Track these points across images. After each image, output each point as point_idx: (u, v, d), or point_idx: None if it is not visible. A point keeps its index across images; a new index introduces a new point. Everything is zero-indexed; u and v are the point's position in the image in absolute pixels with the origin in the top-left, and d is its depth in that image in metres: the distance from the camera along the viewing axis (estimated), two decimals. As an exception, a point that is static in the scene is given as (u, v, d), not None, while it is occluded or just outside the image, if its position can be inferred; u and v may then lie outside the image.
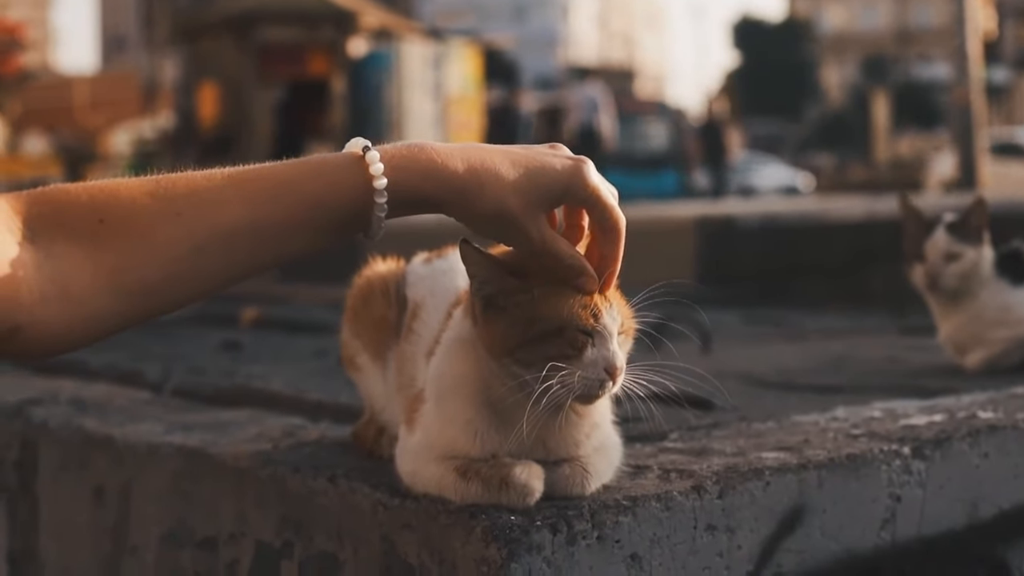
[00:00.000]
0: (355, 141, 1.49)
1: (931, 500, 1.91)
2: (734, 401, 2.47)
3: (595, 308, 1.53)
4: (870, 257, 5.36)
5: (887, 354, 3.33)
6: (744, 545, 1.72)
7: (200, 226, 1.40)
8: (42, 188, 1.41)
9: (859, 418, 2.14)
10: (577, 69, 43.13)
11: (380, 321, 1.89)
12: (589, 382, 1.52)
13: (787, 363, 3.21)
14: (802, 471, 1.78)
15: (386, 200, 1.45)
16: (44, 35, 52.85)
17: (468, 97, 23.57)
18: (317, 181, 1.46)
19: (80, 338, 1.39)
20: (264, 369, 3.14)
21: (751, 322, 4.44)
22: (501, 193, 1.48)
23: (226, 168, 1.45)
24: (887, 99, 40.48)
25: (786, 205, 11.57)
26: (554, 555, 1.55)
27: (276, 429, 2.25)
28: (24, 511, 2.57)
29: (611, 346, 1.53)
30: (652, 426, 1.98)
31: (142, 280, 1.39)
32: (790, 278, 5.58)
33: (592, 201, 1.53)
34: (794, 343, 3.78)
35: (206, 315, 4.81)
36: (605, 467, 1.67)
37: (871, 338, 3.82)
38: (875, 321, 4.34)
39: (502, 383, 1.55)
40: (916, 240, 2.91)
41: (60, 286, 1.35)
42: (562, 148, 1.56)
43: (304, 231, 1.46)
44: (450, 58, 23.40)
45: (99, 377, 3.10)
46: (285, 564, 1.88)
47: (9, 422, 2.63)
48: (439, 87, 22.91)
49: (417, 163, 1.48)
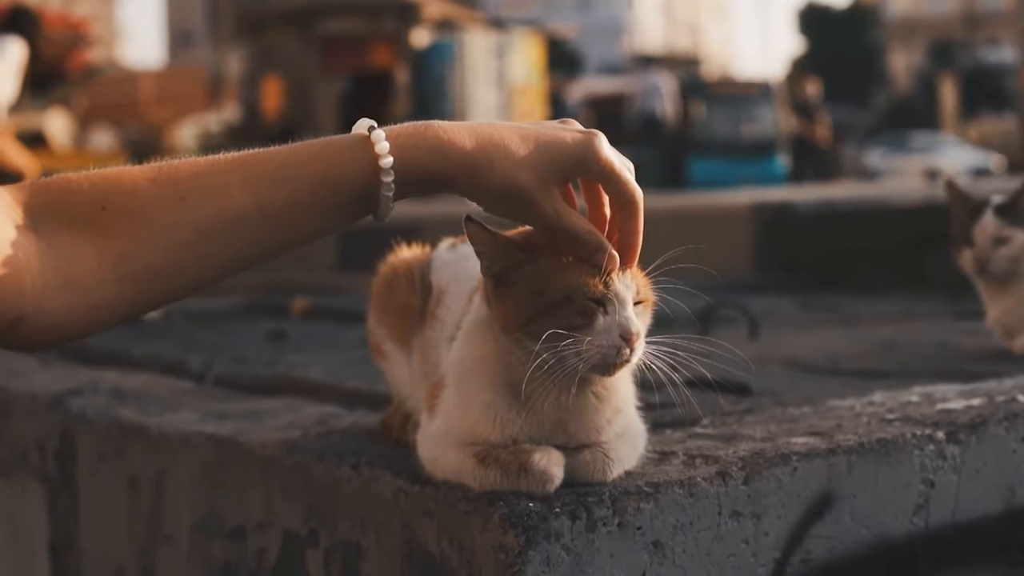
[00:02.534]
0: (361, 122, 1.48)
1: (966, 485, 1.87)
2: (774, 386, 2.44)
3: (605, 275, 1.50)
4: (929, 241, 5.30)
5: (937, 338, 3.28)
6: (771, 532, 1.69)
7: (204, 211, 1.38)
8: (44, 179, 1.40)
9: (896, 402, 2.10)
10: (642, 57, 42.97)
11: (405, 308, 1.87)
12: (604, 350, 1.48)
13: (834, 348, 3.17)
14: (831, 456, 1.75)
15: (393, 179, 1.43)
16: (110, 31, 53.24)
17: (532, 86, 23.56)
18: (323, 162, 1.44)
19: (86, 326, 1.38)
20: (306, 358, 3.13)
21: (805, 308, 4.39)
22: (511, 168, 1.46)
23: (231, 152, 1.44)
24: (955, 84, 40.09)
25: (845, 191, 11.46)
26: (573, 542, 1.53)
27: (310, 417, 2.24)
28: (65, 502, 2.57)
29: (626, 312, 1.50)
30: (684, 412, 1.96)
31: (147, 267, 1.37)
32: (848, 264, 5.52)
33: (606, 175, 1.51)
34: (845, 328, 3.73)
35: (256, 306, 4.81)
36: (628, 453, 1.64)
37: (924, 323, 3.76)
38: (930, 306, 4.28)
39: (520, 362, 1.52)
40: (964, 224, 2.86)
41: (64, 275, 1.34)
42: (573, 122, 1.54)
43: (312, 213, 1.44)
44: (513, 48, 23.39)
45: (143, 367, 3.10)
46: (310, 553, 1.87)
47: (49, 412, 2.63)
48: (502, 77, 22.91)
49: (424, 140, 1.46)
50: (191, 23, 56.00)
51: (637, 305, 1.53)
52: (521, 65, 23.35)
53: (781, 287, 5.19)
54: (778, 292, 4.97)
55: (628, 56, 52.43)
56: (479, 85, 22.55)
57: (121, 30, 58.92)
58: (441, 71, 22.81)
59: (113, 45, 48.19)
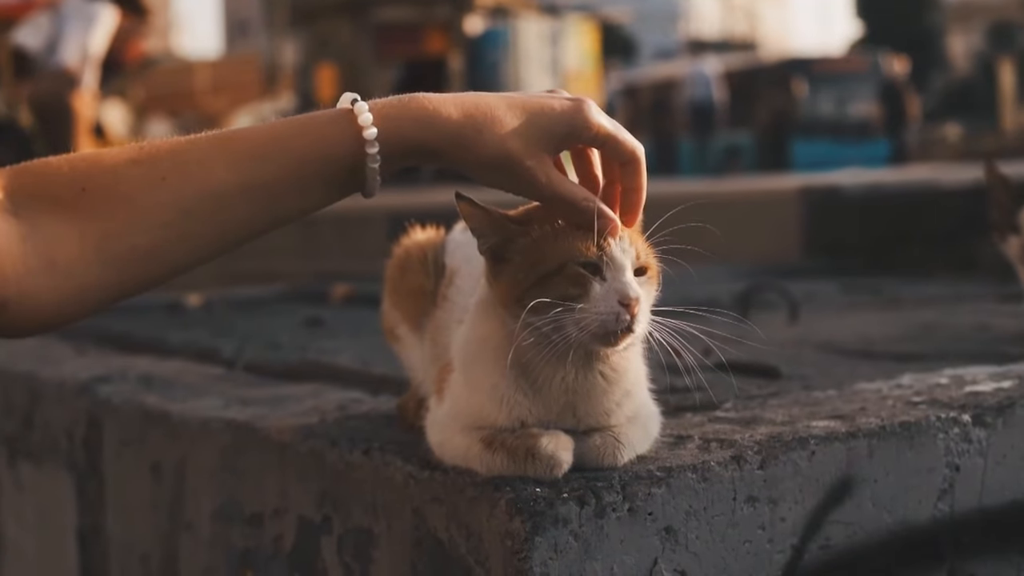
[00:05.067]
0: (345, 96, 1.45)
1: (993, 469, 1.82)
2: (805, 369, 2.40)
3: (599, 240, 1.46)
4: (979, 224, 5.23)
5: (978, 321, 3.23)
6: (788, 517, 1.65)
7: (187, 189, 1.36)
8: (24, 163, 1.38)
9: (924, 385, 2.05)
10: (697, 43, 42.80)
11: (418, 291, 1.84)
12: (603, 317, 1.44)
13: (873, 331, 3.12)
14: (851, 440, 1.71)
15: (378, 151, 1.41)
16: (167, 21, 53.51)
17: (586, 73, 23.50)
18: (306, 137, 1.41)
19: (72, 311, 1.36)
20: (338, 344, 3.11)
21: (849, 291, 4.33)
22: (500, 137, 1.43)
23: (213, 131, 1.41)
24: (1014, 67, 39.64)
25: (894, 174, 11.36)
26: (582, 528, 1.50)
27: (331, 403, 2.21)
28: (92, 489, 2.57)
29: (623, 277, 1.46)
30: (706, 396, 1.93)
31: (130, 248, 1.35)
32: (896, 247, 5.46)
33: (601, 138, 1.48)
34: (886, 311, 3.68)
35: (299, 293, 4.81)
36: (640, 437, 1.61)
37: (967, 305, 3.70)
38: (975, 288, 4.22)
39: (523, 339, 1.49)
40: (1007, 210, 2.79)
41: (46, 258, 1.32)
42: (561, 91, 1.51)
43: (296, 189, 1.41)
44: (567, 34, 23.35)
45: (177, 354, 3.09)
46: (325, 540, 1.85)
47: (77, 399, 2.63)
48: (556, 63, 22.88)
49: (408, 111, 1.43)
50: (247, 12, 56.19)
51: (642, 274, 1.49)
52: (575, 51, 23.31)
53: (827, 271, 5.14)
54: (824, 276, 4.92)
55: (684, 42, 52.24)
56: (533, 72, 22.52)
57: (177, 20, 59.23)
58: (495, 58, 22.81)
59: (170, 36, 48.41)
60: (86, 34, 9.01)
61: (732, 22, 74.42)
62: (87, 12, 9.08)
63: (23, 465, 2.89)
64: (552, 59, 22.90)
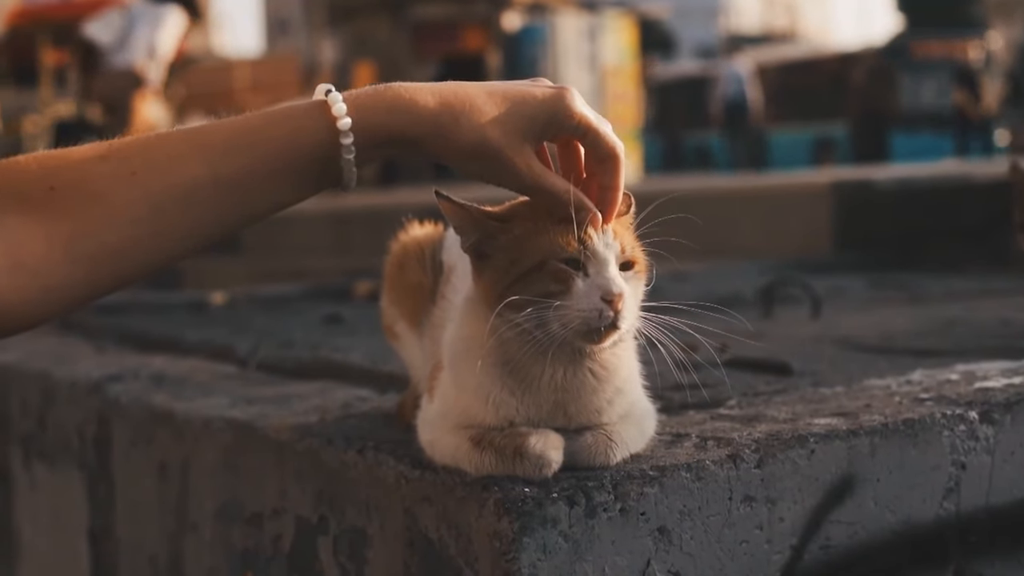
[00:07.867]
0: (320, 87, 1.42)
1: (1000, 467, 1.79)
2: (818, 366, 2.36)
3: (580, 235, 1.43)
4: (1010, 219, 5.17)
5: (1003, 316, 3.18)
6: (787, 517, 1.62)
7: (157, 185, 1.33)
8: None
9: (933, 381, 2.02)
10: (737, 38, 42.62)
11: (416, 288, 1.82)
12: (586, 314, 1.41)
13: (895, 327, 3.07)
14: (852, 438, 1.67)
15: (352, 141, 1.38)
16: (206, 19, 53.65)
17: (625, 68, 23.41)
18: (278, 129, 1.39)
19: (41, 311, 1.33)
20: (352, 342, 3.09)
21: (877, 286, 4.28)
22: (479, 125, 1.40)
23: (184, 126, 1.39)
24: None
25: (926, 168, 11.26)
26: (572, 529, 1.47)
27: (335, 401, 2.19)
28: (102, 489, 2.56)
29: (607, 272, 1.43)
30: (712, 393, 1.90)
31: (100, 246, 1.32)
32: (927, 241, 5.41)
33: (582, 129, 1.44)
34: (911, 307, 3.63)
35: (321, 291, 4.79)
36: (634, 436, 1.58)
37: (995, 300, 3.65)
38: (1005, 283, 4.16)
39: (504, 336, 1.46)
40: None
41: (13, 258, 1.29)
42: (544, 80, 1.48)
43: (271, 183, 1.38)
44: (605, 29, 23.25)
45: (193, 353, 3.08)
46: (321, 540, 1.83)
47: (88, 398, 2.62)
48: (595, 59, 22.79)
49: (383, 100, 1.40)
50: (287, 11, 56.34)
51: (628, 269, 1.46)
52: (613, 47, 23.21)
53: (857, 265, 5.09)
54: (853, 271, 4.87)
55: (724, 37, 52.00)
56: (571, 68, 22.43)
57: (219, 19, 59.41)
58: (533, 54, 22.73)
59: (210, 34, 48.50)
60: (153, 35, 9.20)
61: (772, 17, 74.10)
62: (155, 13, 9.31)
63: (38, 466, 2.89)
64: (590, 55, 22.80)
